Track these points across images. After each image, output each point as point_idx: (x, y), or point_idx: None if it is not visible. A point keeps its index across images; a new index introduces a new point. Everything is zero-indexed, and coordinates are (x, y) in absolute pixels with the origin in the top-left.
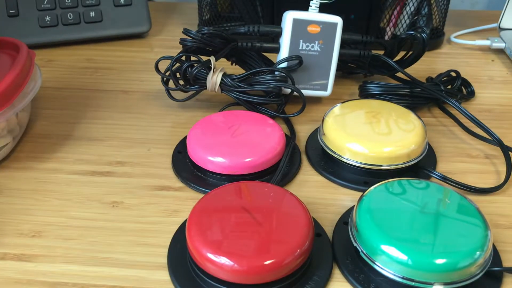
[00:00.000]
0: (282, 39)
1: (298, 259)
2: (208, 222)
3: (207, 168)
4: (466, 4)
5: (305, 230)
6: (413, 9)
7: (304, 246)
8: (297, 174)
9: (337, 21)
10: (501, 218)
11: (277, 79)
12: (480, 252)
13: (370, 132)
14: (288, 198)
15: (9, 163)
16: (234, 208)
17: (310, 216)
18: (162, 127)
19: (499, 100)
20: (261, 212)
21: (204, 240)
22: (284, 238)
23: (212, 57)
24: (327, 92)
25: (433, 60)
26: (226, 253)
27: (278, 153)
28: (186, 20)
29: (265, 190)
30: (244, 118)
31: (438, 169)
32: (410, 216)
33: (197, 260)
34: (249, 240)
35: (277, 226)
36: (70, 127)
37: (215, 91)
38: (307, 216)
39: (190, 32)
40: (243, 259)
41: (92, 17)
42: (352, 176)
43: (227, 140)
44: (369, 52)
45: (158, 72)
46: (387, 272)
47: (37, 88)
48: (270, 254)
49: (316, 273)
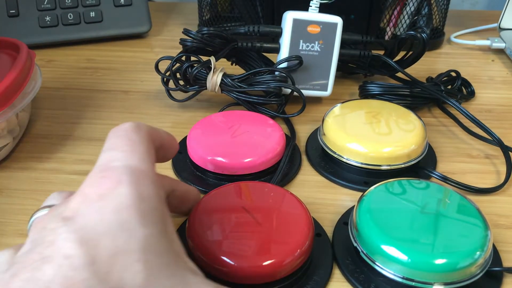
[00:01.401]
0: (282, 39)
1: (298, 259)
2: (208, 222)
3: (207, 168)
4: (466, 4)
5: (305, 230)
6: (413, 9)
7: (304, 246)
8: (298, 174)
9: (337, 21)
10: (501, 218)
11: (277, 79)
12: (480, 252)
13: (370, 132)
14: (288, 198)
15: (9, 163)
16: (234, 208)
17: (310, 216)
18: (162, 127)
19: (499, 100)
20: (261, 212)
21: (204, 240)
22: (284, 238)
23: (212, 57)
24: (327, 92)
25: (433, 60)
26: (225, 253)
27: (278, 153)
28: (186, 20)
29: (265, 190)
30: (244, 118)
31: (438, 169)
32: (410, 216)
33: (197, 259)
34: (249, 241)
35: (277, 226)
36: (70, 127)
37: (215, 91)
38: (307, 216)
39: (190, 33)
40: (242, 259)
41: (92, 17)
42: (352, 176)
43: (227, 140)
44: (369, 52)
45: (158, 72)
46: (387, 272)
47: (37, 88)
48: (270, 254)
49: (316, 273)
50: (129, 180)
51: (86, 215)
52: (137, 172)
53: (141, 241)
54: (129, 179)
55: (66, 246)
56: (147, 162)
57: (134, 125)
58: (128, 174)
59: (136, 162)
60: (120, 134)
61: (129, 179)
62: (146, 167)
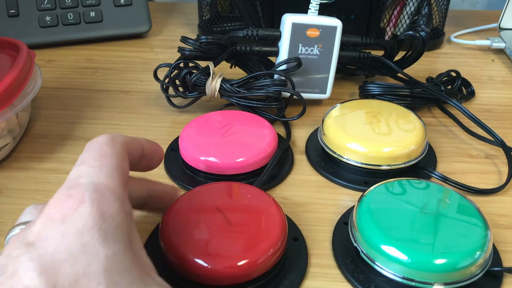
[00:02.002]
0: (281, 43)
1: (269, 261)
2: (181, 224)
3: (197, 167)
4: (466, 4)
5: (278, 232)
6: (413, 9)
7: (276, 247)
8: (291, 175)
9: (336, 24)
10: (501, 218)
11: (276, 83)
12: (480, 252)
13: (370, 132)
14: (265, 200)
15: (9, 163)
16: (208, 209)
17: (285, 218)
18: (162, 127)
19: (499, 100)
20: (235, 214)
21: (176, 241)
22: (256, 240)
23: (211, 63)
24: (326, 95)
25: (433, 60)
26: (196, 254)
27: (269, 154)
28: (186, 20)
29: (243, 192)
30: (238, 118)
31: (438, 169)
32: (410, 216)
33: (169, 261)
34: (221, 242)
35: (249, 227)
36: (70, 127)
37: (215, 96)
38: (281, 219)
39: (188, 41)
40: (214, 260)
41: (92, 17)
42: (352, 176)
43: (218, 139)
44: (368, 54)
45: (157, 79)
46: (387, 272)
47: (37, 88)
48: (241, 255)
49: (287, 278)
50: (92, 199)
51: (48, 239)
52: (102, 189)
53: (103, 262)
54: (92, 197)
55: (27, 276)
56: (115, 177)
57: (108, 138)
58: (91, 191)
59: (102, 178)
60: (93, 148)
61: (92, 197)
62: (113, 182)
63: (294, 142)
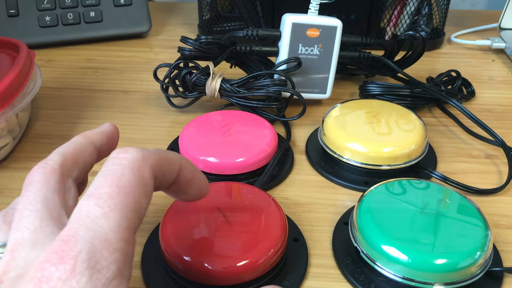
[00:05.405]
0: (281, 43)
1: (269, 262)
2: (181, 224)
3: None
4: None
5: (278, 233)
6: (413, 9)
7: (276, 248)
8: (292, 175)
9: (336, 24)
10: (501, 218)
11: (276, 83)
12: (481, 252)
13: (370, 132)
14: (266, 201)
15: (9, 163)
16: (208, 209)
17: (285, 219)
18: (162, 127)
19: (500, 100)
20: (235, 214)
21: (175, 240)
22: (256, 240)
23: (211, 63)
24: (326, 95)
25: (433, 60)
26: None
27: (269, 154)
28: (186, 20)
29: (244, 192)
30: (238, 118)
31: (438, 169)
32: (410, 216)
33: (169, 261)
34: (221, 242)
35: (249, 227)
36: (70, 127)
37: (215, 96)
38: (282, 219)
39: (188, 41)
40: (213, 260)
41: (92, 17)
42: (352, 176)
43: (218, 139)
44: (368, 54)
45: (157, 79)
46: (388, 272)
47: (37, 88)
48: (241, 256)
49: (286, 279)
50: (85, 267)
51: None
52: (100, 248)
53: None
54: (85, 265)
55: None
56: (123, 226)
57: (136, 158)
58: (86, 253)
59: (107, 229)
60: (112, 173)
61: (85, 265)
62: (118, 234)
63: (294, 142)
